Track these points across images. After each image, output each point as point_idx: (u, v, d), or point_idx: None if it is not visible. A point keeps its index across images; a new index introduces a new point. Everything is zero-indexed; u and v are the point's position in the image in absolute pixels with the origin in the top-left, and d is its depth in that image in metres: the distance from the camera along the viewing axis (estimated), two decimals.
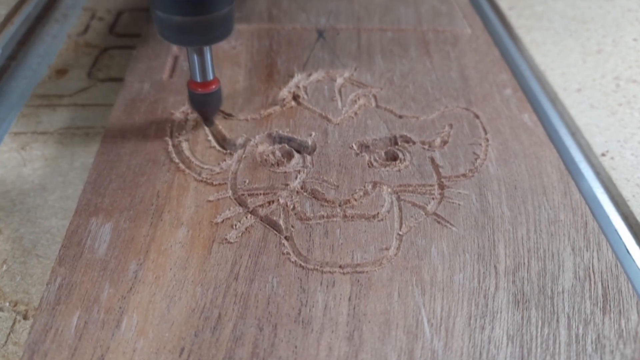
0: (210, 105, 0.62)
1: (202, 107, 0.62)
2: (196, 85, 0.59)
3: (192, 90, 0.59)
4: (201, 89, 0.59)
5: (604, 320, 0.47)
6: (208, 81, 0.59)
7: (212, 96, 0.60)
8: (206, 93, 0.59)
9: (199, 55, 0.57)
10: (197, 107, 0.62)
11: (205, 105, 0.61)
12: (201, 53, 0.56)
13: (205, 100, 0.60)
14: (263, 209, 0.54)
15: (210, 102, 0.61)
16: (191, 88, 0.59)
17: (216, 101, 0.61)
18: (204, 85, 0.59)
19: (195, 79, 0.58)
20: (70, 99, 0.71)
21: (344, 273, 0.49)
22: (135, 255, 0.49)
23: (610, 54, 0.84)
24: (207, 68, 0.58)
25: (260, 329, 0.45)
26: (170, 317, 0.45)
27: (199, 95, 0.59)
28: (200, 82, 0.59)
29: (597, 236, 0.53)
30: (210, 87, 0.59)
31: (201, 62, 0.57)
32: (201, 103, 0.61)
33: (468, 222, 0.54)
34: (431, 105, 0.66)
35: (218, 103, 0.62)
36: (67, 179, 0.60)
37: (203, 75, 0.58)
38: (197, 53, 0.56)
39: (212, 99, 0.60)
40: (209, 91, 0.59)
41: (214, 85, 0.59)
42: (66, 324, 0.44)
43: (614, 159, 0.66)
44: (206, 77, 0.58)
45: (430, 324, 0.45)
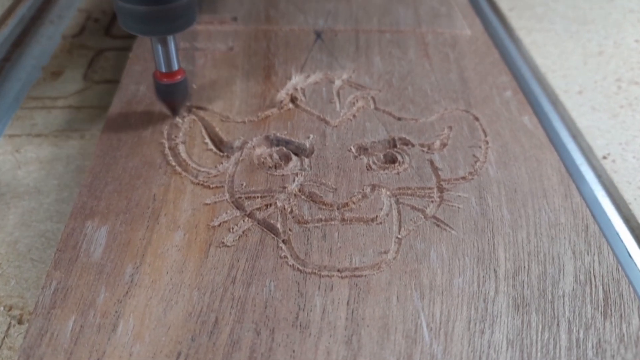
0: (176, 95, 0.62)
1: (168, 98, 0.63)
2: (161, 75, 0.60)
3: (157, 81, 0.60)
4: (166, 79, 0.60)
5: (605, 324, 0.47)
6: (173, 71, 0.60)
7: (178, 86, 0.61)
8: (171, 83, 0.60)
9: (163, 45, 0.58)
10: (163, 97, 0.63)
11: (171, 96, 0.62)
12: (165, 43, 0.57)
13: (171, 90, 0.61)
14: (260, 212, 0.54)
15: (176, 92, 0.62)
16: (156, 78, 0.60)
17: (182, 91, 0.62)
18: (169, 75, 0.60)
19: (161, 69, 0.60)
20: (66, 101, 0.72)
21: (342, 277, 0.49)
22: (132, 259, 0.49)
23: (611, 56, 0.85)
24: (172, 58, 0.59)
25: (258, 333, 0.45)
26: (166, 321, 0.45)
27: (165, 85, 0.60)
28: (165, 72, 0.60)
29: (598, 240, 0.53)
30: (175, 77, 0.60)
31: (165, 52, 0.58)
32: (167, 93, 0.62)
33: (467, 225, 0.54)
34: (430, 108, 0.67)
35: (184, 93, 0.63)
36: (62, 182, 0.60)
37: (168, 65, 0.59)
38: (161, 43, 0.57)
39: (177, 89, 0.61)
40: (174, 81, 0.60)
41: (180, 75, 0.60)
42: (62, 328, 0.44)
43: (616, 162, 0.66)
44: (171, 67, 0.59)
45: (429, 328, 0.46)
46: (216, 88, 0.69)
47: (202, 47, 0.76)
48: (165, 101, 0.63)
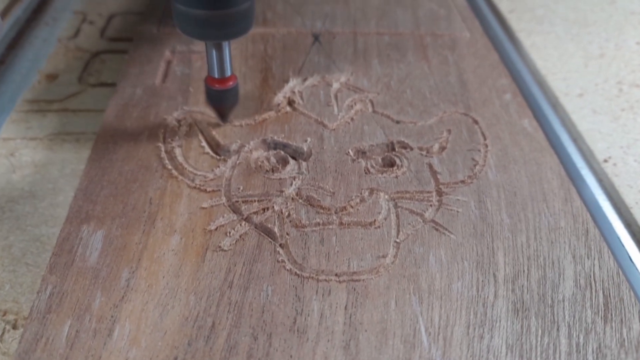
0: (227, 101, 0.62)
1: (218, 104, 0.63)
2: (213, 81, 0.60)
3: (209, 86, 0.61)
4: (218, 85, 0.60)
5: (605, 329, 0.47)
6: (226, 77, 0.60)
7: (229, 93, 0.61)
8: (223, 89, 0.60)
9: (218, 51, 0.58)
10: (214, 103, 0.63)
11: (222, 102, 0.62)
12: (220, 48, 0.58)
13: (223, 96, 0.61)
14: (257, 216, 0.54)
15: (227, 98, 0.62)
16: (208, 84, 0.61)
17: (233, 98, 0.62)
18: (222, 81, 0.60)
19: (213, 75, 0.60)
20: (61, 104, 0.72)
21: (340, 281, 0.49)
22: (128, 263, 0.50)
23: (612, 58, 0.85)
24: (226, 64, 0.59)
25: (255, 338, 0.45)
26: (163, 325, 0.45)
27: (216, 91, 0.61)
28: (218, 78, 0.60)
29: (599, 244, 0.54)
30: (227, 84, 0.60)
31: (219, 58, 0.58)
32: (218, 99, 0.62)
33: (467, 229, 0.54)
34: (429, 111, 0.67)
35: (235, 100, 0.63)
36: (57, 186, 0.61)
37: (221, 71, 0.59)
38: (216, 48, 0.58)
39: (229, 95, 0.62)
40: (226, 87, 0.60)
41: (232, 81, 0.60)
42: (57, 333, 0.44)
43: (617, 166, 0.66)
44: (224, 73, 0.60)
45: (428, 333, 0.46)
46: None
47: (199, 50, 0.76)
48: (215, 107, 0.63)
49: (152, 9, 0.85)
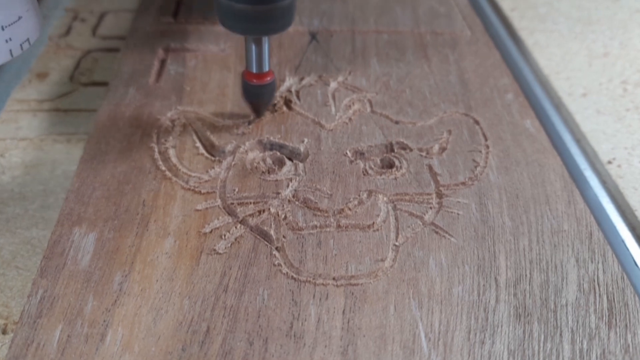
0: (264, 97, 0.63)
1: (255, 99, 0.64)
2: (251, 76, 0.61)
3: (246, 81, 0.62)
4: (256, 80, 0.61)
5: (610, 334, 0.47)
6: (263, 72, 0.61)
7: (267, 88, 0.62)
8: (261, 85, 0.61)
9: (257, 46, 0.59)
10: (250, 98, 0.64)
11: (258, 97, 0.63)
12: (259, 43, 0.58)
13: (259, 91, 0.62)
14: (253, 219, 0.54)
15: (264, 94, 0.63)
16: (246, 79, 0.61)
17: (270, 93, 0.63)
18: (260, 76, 0.61)
19: (251, 70, 0.60)
20: (52, 104, 0.72)
21: (337, 285, 0.49)
22: (120, 267, 0.50)
23: (617, 57, 0.85)
24: (264, 59, 0.60)
25: (251, 343, 0.45)
26: (156, 330, 0.45)
27: (254, 86, 0.61)
28: (256, 73, 0.60)
29: (603, 247, 0.54)
30: (265, 79, 0.61)
31: (259, 53, 0.59)
32: (255, 94, 0.63)
33: (467, 232, 0.54)
34: (429, 111, 0.67)
35: (271, 95, 0.64)
36: (48, 188, 0.61)
37: (259, 66, 0.60)
38: (255, 43, 0.58)
39: (266, 90, 0.62)
40: (263, 83, 0.61)
41: (269, 77, 0.61)
42: (48, 337, 0.44)
43: (621, 167, 0.66)
44: (262, 68, 0.60)
45: (427, 339, 0.46)
46: (207, 90, 0.69)
47: (193, 48, 0.76)
48: (251, 102, 0.64)
49: (145, 6, 0.85)
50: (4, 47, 0.51)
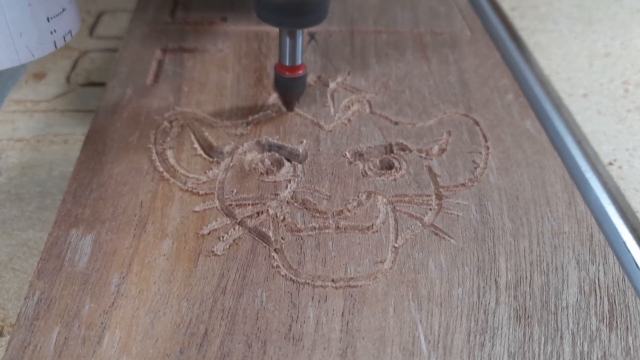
0: (295, 89, 0.65)
1: (286, 91, 0.65)
2: (284, 68, 0.62)
3: (279, 74, 0.63)
4: (289, 73, 0.62)
5: (610, 337, 0.47)
6: (296, 65, 0.62)
7: (299, 81, 0.63)
8: (293, 77, 0.63)
9: (292, 38, 0.60)
10: (282, 90, 0.65)
11: (290, 90, 0.65)
12: (294, 36, 0.59)
13: (292, 84, 0.64)
14: (252, 220, 0.54)
15: (296, 86, 0.64)
16: (278, 71, 0.63)
17: (301, 86, 0.65)
18: (292, 69, 0.62)
19: (284, 62, 0.62)
20: (49, 105, 0.72)
21: (336, 287, 0.49)
22: (118, 269, 0.50)
23: (618, 57, 0.85)
24: (298, 52, 0.61)
25: (249, 345, 0.45)
26: (154, 333, 0.45)
27: (286, 79, 0.63)
28: (289, 65, 0.62)
29: (604, 249, 0.54)
30: (297, 72, 0.62)
31: (292, 46, 0.60)
32: (286, 87, 0.64)
33: (467, 234, 0.54)
34: (429, 112, 0.67)
35: (303, 88, 0.65)
36: (45, 189, 0.61)
37: (292, 58, 0.61)
38: (290, 36, 0.59)
39: (298, 83, 0.64)
40: (296, 75, 0.63)
41: (301, 70, 0.63)
42: (45, 340, 0.44)
43: (622, 168, 0.66)
44: (295, 61, 0.61)
45: (427, 341, 0.46)
46: (205, 91, 0.69)
47: (191, 49, 0.76)
48: (283, 94, 0.66)
49: (143, 6, 0.85)
50: (48, 39, 0.52)
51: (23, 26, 0.50)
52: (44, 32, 0.51)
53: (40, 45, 0.52)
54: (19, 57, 0.51)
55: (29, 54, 0.51)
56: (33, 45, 0.51)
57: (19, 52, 0.50)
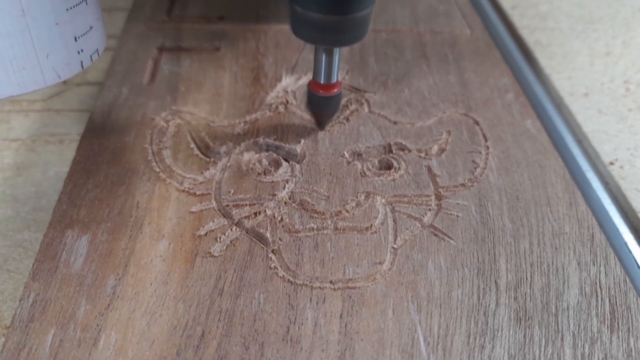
0: (329, 108, 0.63)
1: (320, 110, 0.64)
2: (318, 86, 0.61)
3: (312, 92, 0.61)
4: (323, 91, 0.61)
5: (612, 338, 0.47)
6: (331, 84, 0.60)
7: (333, 100, 0.62)
8: (327, 96, 0.61)
9: (328, 56, 0.58)
10: (315, 109, 0.64)
11: (324, 108, 0.63)
12: (330, 54, 0.58)
13: (325, 103, 0.62)
14: (249, 221, 0.54)
15: (330, 105, 0.63)
16: (312, 89, 0.61)
17: (335, 105, 0.63)
18: (327, 87, 0.61)
19: (319, 80, 0.60)
20: (44, 104, 0.72)
21: (335, 289, 0.49)
22: (114, 270, 0.50)
23: (619, 57, 0.85)
24: (334, 70, 0.60)
25: (246, 347, 0.45)
26: (150, 335, 0.45)
27: (320, 97, 0.61)
28: (324, 83, 0.60)
29: (605, 250, 0.54)
30: (332, 91, 0.61)
31: (328, 63, 0.59)
32: (320, 105, 0.63)
33: (467, 234, 0.54)
34: (428, 111, 0.67)
35: (337, 107, 0.64)
36: (40, 189, 0.61)
37: (328, 77, 0.60)
38: (327, 53, 0.58)
39: (332, 102, 0.62)
40: (330, 94, 0.61)
41: (336, 88, 0.61)
42: (40, 342, 0.44)
43: (624, 168, 0.66)
44: (331, 79, 0.60)
45: (426, 343, 0.46)
46: (202, 90, 0.69)
47: (188, 48, 0.76)
48: (315, 113, 0.65)
49: (139, 4, 0.85)
50: (75, 59, 0.51)
51: (50, 46, 0.48)
52: (71, 52, 0.50)
53: (67, 66, 0.51)
54: (45, 79, 0.50)
55: (55, 75, 0.50)
56: (60, 66, 0.50)
57: (44, 74, 0.50)
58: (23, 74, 0.48)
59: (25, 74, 0.48)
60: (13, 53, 0.46)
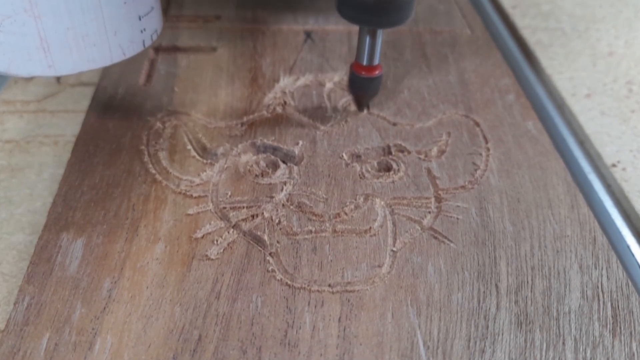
0: (370, 90, 0.65)
1: (361, 91, 0.66)
2: (360, 68, 0.63)
3: (355, 73, 0.63)
4: (365, 73, 0.63)
5: (614, 343, 0.47)
6: (373, 65, 0.62)
7: (374, 81, 0.64)
8: (369, 77, 0.63)
9: (372, 38, 0.60)
10: (357, 90, 0.66)
11: (364, 89, 0.65)
12: (374, 35, 0.60)
13: (367, 84, 0.64)
14: (246, 224, 0.54)
15: (371, 87, 0.65)
16: (355, 70, 0.63)
17: (376, 87, 0.65)
18: (369, 69, 0.63)
19: (361, 62, 0.62)
20: (39, 105, 0.72)
21: (333, 292, 0.49)
22: (109, 273, 0.50)
23: (622, 57, 0.85)
24: (376, 52, 0.61)
25: (244, 351, 0.45)
26: (146, 338, 0.45)
27: (362, 78, 0.63)
28: (366, 65, 0.62)
29: (607, 253, 0.54)
30: (374, 72, 0.63)
31: (371, 45, 0.61)
32: (361, 87, 0.65)
33: (467, 237, 0.54)
34: (428, 112, 0.67)
35: (377, 89, 0.66)
36: (35, 191, 0.61)
37: (370, 58, 0.62)
38: (370, 35, 0.60)
39: (373, 84, 0.64)
40: (372, 76, 0.63)
41: (378, 70, 0.63)
42: (35, 346, 0.45)
43: (626, 170, 0.66)
44: (373, 61, 0.62)
45: (426, 347, 0.46)
46: (199, 91, 0.69)
47: (185, 48, 0.76)
48: (357, 94, 0.66)
49: None
50: (139, 37, 0.54)
51: (118, 24, 0.51)
52: (135, 30, 0.53)
53: (131, 44, 0.53)
54: (112, 56, 0.52)
55: (121, 52, 0.53)
56: (125, 43, 0.53)
57: (112, 51, 0.52)
58: (93, 50, 0.52)
59: (95, 50, 0.52)
60: (86, 30, 0.50)
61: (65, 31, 0.49)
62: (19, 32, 0.49)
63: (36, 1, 0.47)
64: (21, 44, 0.50)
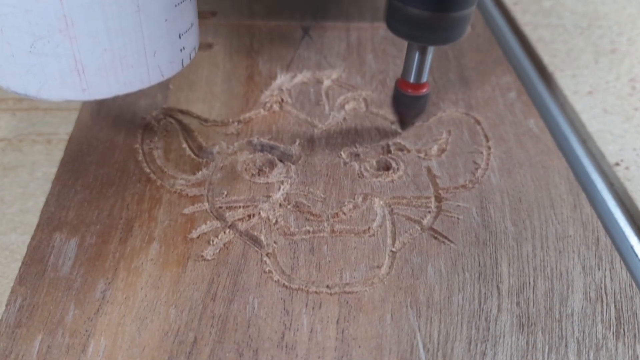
0: (416, 108, 0.63)
1: (406, 110, 0.64)
2: (407, 85, 0.61)
3: (401, 90, 0.61)
4: (411, 91, 0.61)
5: (617, 345, 0.47)
6: (421, 83, 0.60)
7: (421, 100, 0.62)
8: (416, 96, 0.61)
9: (421, 54, 0.58)
10: (401, 108, 0.64)
11: (409, 108, 0.63)
12: (424, 52, 0.58)
13: (413, 103, 0.62)
14: (243, 223, 0.54)
15: (417, 105, 0.63)
16: (400, 87, 0.61)
17: (422, 105, 0.63)
18: (416, 87, 0.61)
19: (408, 79, 0.60)
20: (31, 103, 0.71)
21: (331, 293, 0.49)
22: (103, 274, 0.50)
23: (625, 54, 0.85)
24: (425, 70, 0.59)
25: (240, 354, 0.45)
26: (141, 340, 0.45)
27: (408, 97, 0.61)
28: (413, 82, 0.60)
29: (610, 253, 0.54)
30: (421, 90, 0.61)
31: (420, 62, 0.59)
32: (407, 105, 0.63)
33: (468, 237, 0.54)
34: (427, 110, 0.67)
35: (423, 108, 0.64)
36: (27, 191, 0.60)
37: (418, 76, 0.60)
38: (420, 51, 0.58)
39: (419, 102, 0.62)
40: (419, 94, 0.61)
41: (425, 88, 0.61)
42: (27, 348, 0.44)
43: (629, 169, 0.66)
44: (421, 78, 0.60)
45: (426, 349, 0.46)
46: (195, 89, 0.69)
47: None
48: (400, 112, 0.65)
49: None
50: (177, 57, 0.52)
51: (158, 44, 0.49)
52: (175, 49, 0.51)
53: (170, 64, 0.52)
54: (150, 78, 0.50)
55: (159, 74, 0.51)
56: (164, 64, 0.51)
57: (150, 72, 0.50)
58: (130, 72, 0.49)
59: (132, 72, 0.49)
60: (124, 51, 0.47)
61: (102, 53, 0.47)
62: (53, 54, 0.47)
63: (73, 21, 0.45)
64: (54, 66, 0.47)
